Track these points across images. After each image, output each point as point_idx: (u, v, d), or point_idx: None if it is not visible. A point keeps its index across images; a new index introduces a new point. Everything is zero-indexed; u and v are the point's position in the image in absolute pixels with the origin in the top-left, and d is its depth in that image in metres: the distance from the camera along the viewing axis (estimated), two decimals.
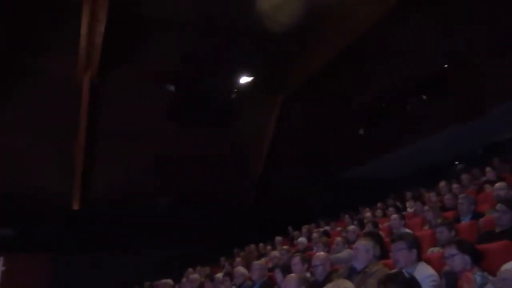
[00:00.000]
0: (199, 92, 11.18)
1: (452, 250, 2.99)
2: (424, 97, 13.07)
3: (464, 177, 8.05)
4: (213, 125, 11.95)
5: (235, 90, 11.38)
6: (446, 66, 12.13)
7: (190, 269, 9.46)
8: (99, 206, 12.80)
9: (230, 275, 6.12)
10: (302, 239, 7.89)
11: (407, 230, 5.70)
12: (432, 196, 7.79)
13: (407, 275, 2.32)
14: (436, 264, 3.30)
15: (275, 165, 13.52)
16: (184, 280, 8.00)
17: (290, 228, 10.89)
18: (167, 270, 9.39)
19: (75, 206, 13.06)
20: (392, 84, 12.81)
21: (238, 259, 8.21)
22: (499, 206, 3.79)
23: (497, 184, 4.96)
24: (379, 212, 8.53)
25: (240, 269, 5.74)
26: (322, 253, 4.37)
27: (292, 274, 3.39)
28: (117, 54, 9.95)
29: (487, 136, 12.67)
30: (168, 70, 10.70)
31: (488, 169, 7.83)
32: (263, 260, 6.99)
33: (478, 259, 2.98)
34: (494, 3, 9.62)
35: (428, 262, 3.35)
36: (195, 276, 7.71)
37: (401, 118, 13.73)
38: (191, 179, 13.05)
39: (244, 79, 11.18)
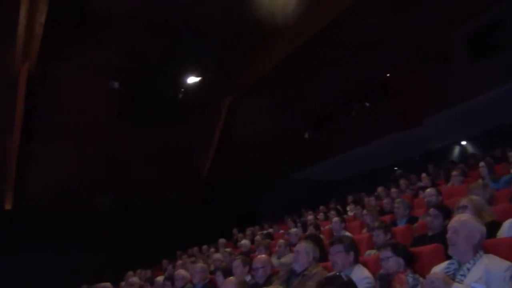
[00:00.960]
0: (146, 90, 10.89)
1: (387, 253, 3.09)
2: (367, 104, 13.57)
3: (402, 182, 8.40)
4: (159, 123, 11.68)
5: (183, 89, 11.22)
6: (388, 75, 12.65)
7: (130, 272, 9.17)
8: (34, 206, 12.12)
9: (171, 278, 6.00)
10: (245, 242, 7.88)
11: (347, 233, 5.86)
12: (371, 200, 8.06)
13: (345, 278, 2.37)
14: (372, 266, 3.40)
15: (222, 167, 13.46)
16: (123, 283, 7.75)
17: (234, 230, 10.88)
18: (106, 273, 9.09)
19: (8, 206, 12.31)
20: (337, 90, 13.18)
21: (179, 262, 8.07)
22: (432, 210, 3.98)
23: (428, 190, 5.20)
24: (321, 215, 8.71)
25: (181, 272, 5.64)
26: (263, 255, 4.38)
27: (231, 278, 3.37)
28: (59, 46, 9.43)
29: (423, 144, 13.35)
30: (113, 66, 10.33)
31: (423, 175, 8.22)
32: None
33: (411, 261, 3.10)
34: (429, 21, 10.21)
35: (365, 264, 3.45)
36: (135, 279, 7.50)
37: (345, 123, 14.16)
38: (134, 178, 12.71)
39: (192, 79, 11.05)
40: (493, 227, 3.37)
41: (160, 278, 6.22)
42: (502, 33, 10.00)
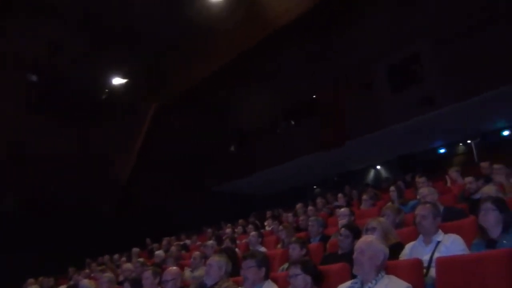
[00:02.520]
0: (66, 87, 10.27)
1: (296, 270, 3.12)
2: (293, 122, 13.91)
3: (319, 200, 8.64)
4: (78, 122, 11.06)
5: (107, 90, 10.76)
6: (314, 96, 13.10)
7: (31, 279, 8.50)
8: None
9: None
10: (159, 252, 7.63)
11: (263, 248, 5.89)
12: (289, 216, 8.19)
13: None
14: (282, 282, 3.41)
15: (142, 174, 13.04)
16: None
17: (148, 240, 10.52)
18: (4, 279, 8.34)
19: None
20: (265, 106, 13.39)
21: (87, 271, 7.62)
22: (343, 230, 4.10)
23: (341, 210, 5.38)
24: (239, 229, 8.69)
25: (85, 282, 5.31)
26: (174, 268, 4.24)
27: None
28: None
29: (343, 165, 13.93)
30: (33, 58, 9.67)
31: (340, 195, 8.52)
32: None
33: (319, 279, 3.15)
34: (354, 50, 10.79)
35: (275, 280, 3.46)
36: (34, 287, 6.94)
37: (271, 140, 14.38)
38: (43, 178, 11.83)
39: (118, 80, 10.65)
40: (397, 249, 3.55)
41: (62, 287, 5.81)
42: (418, 66, 10.79)
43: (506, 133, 11.68)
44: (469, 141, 12.51)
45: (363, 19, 11.11)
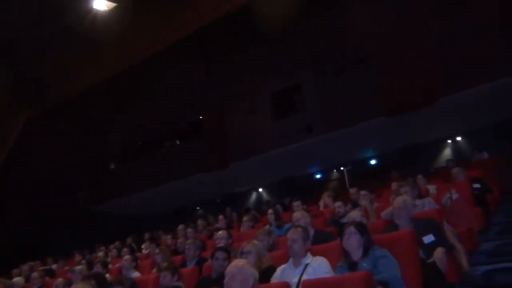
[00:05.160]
0: None
1: None
2: (178, 142, 13.74)
3: (199, 222, 8.55)
4: None
5: None
6: (200, 117, 13.14)
7: None
8: None
9: None
10: (18, 279, 6.85)
11: (136, 273, 5.60)
12: (168, 238, 7.96)
13: None
14: None
15: (5, 191, 11.64)
16: None
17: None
18: None
19: None
20: (149, 124, 13.05)
21: None
22: (219, 254, 4.07)
23: (219, 233, 5.36)
24: (114, 252, 8.20)
25: None
26: None
27: None
28: None
29: (226, 187, 14.07)
30: None
31: (220, 217, 8.54)
32: None
33: None
34: (238, 74, 11.13)
35: None
36: None
37: (154, 159, 13.99)
38: None
39: None
40: (269, 272, 3.61)
41: None
42: (299, 96, 11.49)
43: (373, 162, 12.90)
44: (342, 168, 13.53)
45: (248, 49, 11.54)
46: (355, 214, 4.25)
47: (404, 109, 9.33)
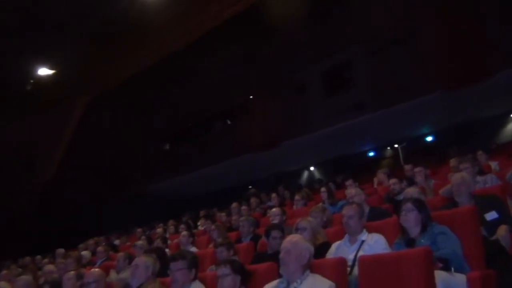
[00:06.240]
0: None
1: (225, 270, 3.08)
2: (229, 122, 13.91)
3: (253, 200, 8.68)
4: None
5: (32, 81, 10.05)
6: (251, 97, 13.19)
7: None
8: None
9: None
10: (85, 253, 7.30)
11: (193, 248, 5.80)
12: (223, 216, 8.16)
13: None
14: (210, 282, 3.37)
15: (68, 172, 12.34)
16: None
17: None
18: None
19: None
20: (200, 105, 13.26)
21: (4, 272, 7.10)
22: (275, 232, 4.13)
23: (273, 210, 5.43)
24: (171, 229, 8.52)
25: (2, 285, 4.94)
26: (96, 269, 4.05)
27: None
28: None
29: (277, 166, 14.14)
30: None
31: (273, 195, 8.62)
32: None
33: (247, 279, 3.14)
34: (289, 54, 11.00)
35: (203, 280, 3.41)
36: None
37: (206, 139, 14.28)
38: None
39: (44, 71, 9.97)
40: (324, 248, 3.64)
41: None
42: (350, 73, 11.23)
43: (429, 138, 12.46)
44: (396, 145, 13.19)
45: (296, 27, 11.37)
46: (412, 191, 4.15)
47: (461, 84, 8.88)
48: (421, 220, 3.13)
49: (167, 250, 5.71)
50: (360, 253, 3.23)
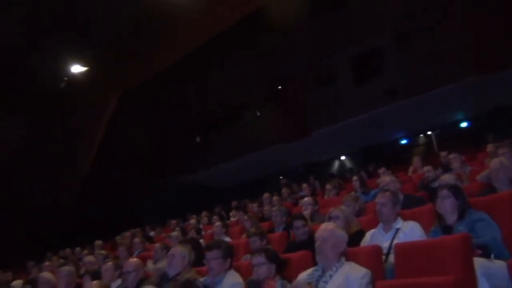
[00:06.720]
0: (20, 75, 9.74)
1: (260, 258, 3.11)
2: (258, 113, 13.91)
3: (284, 191, 8.69)
4: (35, 112, 10.59)
5: (65, 78, 10.33)
6: (280, 87, 13.15)
7: None
8: None
9: (33, 282, 5.44)
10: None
11: (228, 238, 5.88)
12: (254, 206, 8.21)
13: (200, 285, 2.31)
14: (245, 271, 3.41)
15: (105, 165, 12.69)
16: None
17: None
18: None
19: None
20: (230, 96, 13.32)
21: (47, 263, 7.40)
22: (298, 222, 4.15)
23: (305, 199, 5.44)
24: (204, 220, 8.65)
25: (46, 276, 5.14)
26: (135, 259, 4.17)
27: (94, 282, 3.14)
28: None
29: (308, 156, 14.07)
30: None
31: (304, 185, 8.61)
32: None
33: (282, 267, 3.16)
34: (318, 42, 10.86)
35: (238, 269, 3.45)
36: None
37: (236, 130, 14.34)
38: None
39: (77, 68, 10.23)
40: (359, 236, 3.62)
41: (18, 282, 5.61)
42: (380, 59, 11.00)
43: (464, 124, 12.10)
44: (429, 132, 12.89)
45: (325, 14, 11.21)
46: (448, 177, 4.07)
47: (497, 67, 8.56)
48: (458, 207, 3.07)
49: (201, 240, 5.81)
50: (395, 241, 3.20)
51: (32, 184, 11.97)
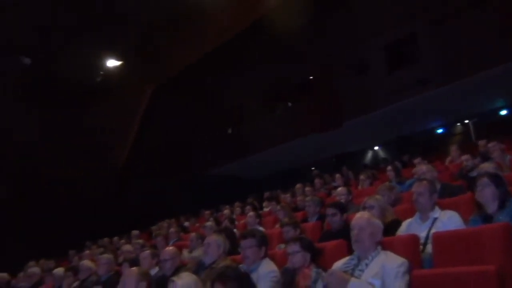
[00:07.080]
0: (57, 70, 10.03)
1: (295, 247, 3.11)
2: (290, 104, 13.85)
3: (317, 181, 8.67)
4: (72, 107, 10.92)
5: (101, 73, 10.60)
6: (311, 78, 13.02)
7: (32, 262, 8.55)
8: None
9: (74, 269, 5.67)
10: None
11: (261, 228, 5.92)
12: (287, 197, 8.24)
13: (241, 270, 2.34)
14: (280, 260, 3.44)
15: (140, 157, 13.00)
16: (21, 274, 7.20)
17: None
18: (7, 263, 8.37)
19: None
20: (262, 88, 13.31)
21: (87, 252, 7.67)
22: (328, 209, 4.14)
23: (339, 189, 5.41)
24: (238, 210, 8.74)
25: (86, 263, 5.35)
26: (171, 247, 4.27)
27: (133, 268, 3.22)
28: None
29: (340, 146, 13.93)
30: (22, 42, 9.45)
31: (337, 175, 8.55)
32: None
33: (317, 256, 3.17)
34: (350, 31, 10.66)
35: (273, 258, 3.48)
36: (35, 269, 6.97)
37: (268, 121, 14.33)
38: (40, 165, 11.72)
39: (112, 63, 10.48)
40: (394, 226, 3.57)
41: (60, 269, 5.84)
42: (414, 47, 10.71)
43: (504, 112, 11.66)
44: (466, 121, 12.51)
45: (356, 2, 11.00)
46: (487, 166, 3.95)
47: None
48: (499, 196, 2.98)
49: (235, 230, 5.88)
50: (433, 230, 3.13)
51: (72, 177, 12.40)
